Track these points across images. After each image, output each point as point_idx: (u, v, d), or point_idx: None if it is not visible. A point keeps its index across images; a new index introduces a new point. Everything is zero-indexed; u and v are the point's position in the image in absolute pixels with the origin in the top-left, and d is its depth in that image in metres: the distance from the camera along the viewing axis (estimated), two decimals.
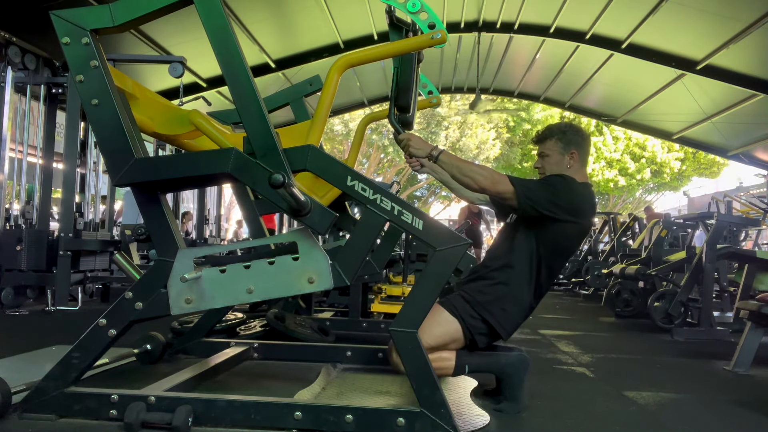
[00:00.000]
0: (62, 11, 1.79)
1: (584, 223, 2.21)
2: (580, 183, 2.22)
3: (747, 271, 3.95)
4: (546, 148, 2.30)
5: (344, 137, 20.12)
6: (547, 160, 2.29)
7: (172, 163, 1.84)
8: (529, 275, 2.17)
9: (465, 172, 2.13)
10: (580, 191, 2.19)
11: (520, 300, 2.17)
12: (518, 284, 2.16)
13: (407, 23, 2.20)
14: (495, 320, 2.12)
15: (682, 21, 7.58)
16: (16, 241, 4.56)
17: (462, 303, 2.14)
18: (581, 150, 2.28)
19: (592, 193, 2.27)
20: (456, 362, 2.12)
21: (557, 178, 2.20)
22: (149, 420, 1.70)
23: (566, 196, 2.14)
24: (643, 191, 23.44)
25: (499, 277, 2.18)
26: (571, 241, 2.23)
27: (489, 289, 2.17)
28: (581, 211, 2.18)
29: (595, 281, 7.32)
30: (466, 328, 2.12)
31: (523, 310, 2.20)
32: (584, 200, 2.20)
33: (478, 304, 2.14)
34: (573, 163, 2.27)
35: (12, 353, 2.73)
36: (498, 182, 2.09)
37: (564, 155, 2.26)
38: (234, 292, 1.81)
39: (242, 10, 7.38)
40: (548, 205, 2.10)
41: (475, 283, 2.22)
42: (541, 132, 2.36)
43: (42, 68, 5.08)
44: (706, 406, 2.35)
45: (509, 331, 2.17)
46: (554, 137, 2.28)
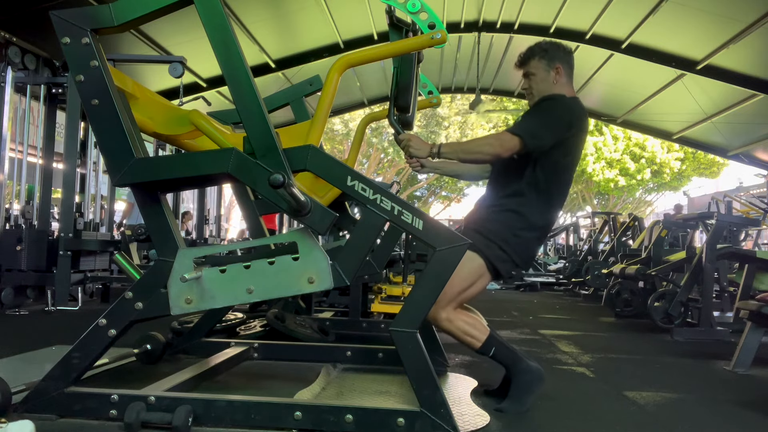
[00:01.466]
0: (62, 11, 1.79)
1: (583, 131, 2.24)
2: (569, 98, 2.24)
3: (747, 271, 3.95)
4: (530, 67, 2.30)
5: (344, 137, 20.12)
6: (533, 79, 2.30)
7: (172, 163, 1.84)
8: (540, 198, 2.18)
9: (471, 151, 2.15)
10: (571, 105, 2.21)
11: (533, 224, 2.18)
12: (530, 209, 2.17)
13: (407, 23, 2.20)
14: (510, 248, 2.14)
15: (682, 21, 7.58)
16: (16, 241, 4.56)
17: (476, 236, 2.14)
18: (565, 64, 2.29)
19: (581, 105, 2.28)
20: (486, 340, 2.13)
21: (548, 102, 2.22)
22: (149, 420, 1.70)
23: (562, 117, 2.16)
24: (643, 191, 23.43)
25: (508, 205, 2.18)
26: (575, 153, 2.25)
27: (499, 216, 2.18)
28: (578, 123, 2.20)
29: (595, 281, 7.32)
30: (486, 259, 2.14)
31: (537, 234, 2.21)
32: (577, 112, 2.22)
33: (492, 233, 2.15)
34: (559, 78, 2.28)
35: (12, 353, 2.73)
36: (505, 143, 2.10)
37: (549, 71, 2.27)
38: (234, 292, 1.81)
39: (242, 10, 7.38)
40: (552, 133, 2.12)
41: (485, 212, 2.23)
42: (523, 54, 2.35)
43: (42, 68, 5.08)
44: (706, 406, 2.35)
45: (526, 257, 2.20)
46: (536, 56, 2.29)
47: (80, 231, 4.68)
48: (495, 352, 2.14)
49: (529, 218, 2.18)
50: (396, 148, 18.80)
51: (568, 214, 26.30)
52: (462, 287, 2.12)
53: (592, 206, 23.07)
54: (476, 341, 2.13)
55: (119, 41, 7.13)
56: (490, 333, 2.15)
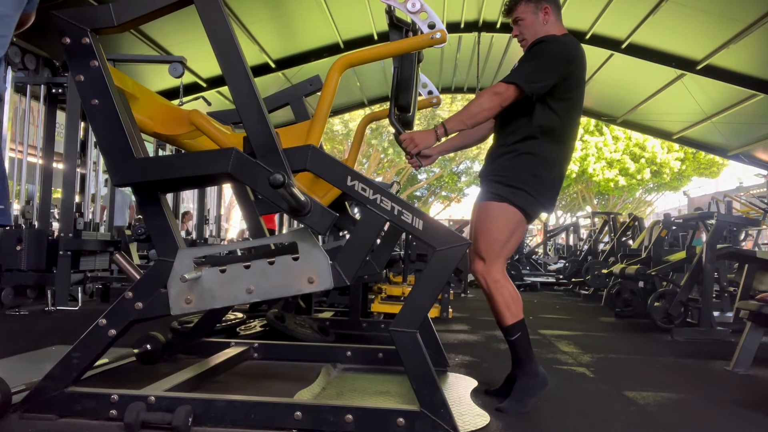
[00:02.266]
0: (62, 11, 1.79)
1: (582, 63, 2.23)
2: (561, 36, 2.24)
3: (747, 271, 3.95)
4: (518, 13, 2.30)
5: (344, 137, 20.12)
6: (523, 24, 2.29)
7: (172, 163, 1.84)
8: (553, 137, 2.18)
9: (474, 113, 2.13)
10: (565, 43, 2.21)
11: (551, 162, 2.18)
12: (544, 149, 2.17)
13: (407, 23, 2.20)
14: (534, 189, 2.14)
15: (682, 21, 7.58)
16: (16, 241, 4.56)
17: (499, 186, 2.14)
18: (552, 4, 2.29)
19: (574, 40, 2.28)
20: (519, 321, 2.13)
21: (540, 45, 2.20)
22: (149, 420, 1.70)
23: (557, 55, 2.16)
24: (643, 191, 23.44)
25: (523, 148, 2.17)
26: (580, 86, 2.25)
27: (515, 161, 2.17)
28: (574, 58, 2.19)
29: (595, 281, 7.32)
30: (516, 206, 2.13)
31: (556, 172, 2.21)
32: (572, 46, 2.22)
33: (513, 179, 2.15)
34: (548, 18, 2.27)
35: (12, 353, 2.73)
36: (503, 93, 2.10)
37: (537, 13, 2.27)
38: (234, 292, 1.81)
39: (242, 10, 7.38)
40: (550, 75, 2.11)
41: (499, 160, 2.22)
42: (508, 1, 2.35)
43: (42, 68, 5.09)
44: (706, 406, 2.35)
45: (549, 197, 2.20)
46: (522, 1, 2.29)
47: (80, 231, 4.69)
48: (517, 339, 2.14)
49: (546, 158, 2.17)
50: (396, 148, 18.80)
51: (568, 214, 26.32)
52: (503, 240, 2.12)
53: (592, 206, 23.08)
54: (511, 317, 2.12)
55: (119, 41, 7.13)
56: (523, 318, 2.15)
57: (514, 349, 2.17)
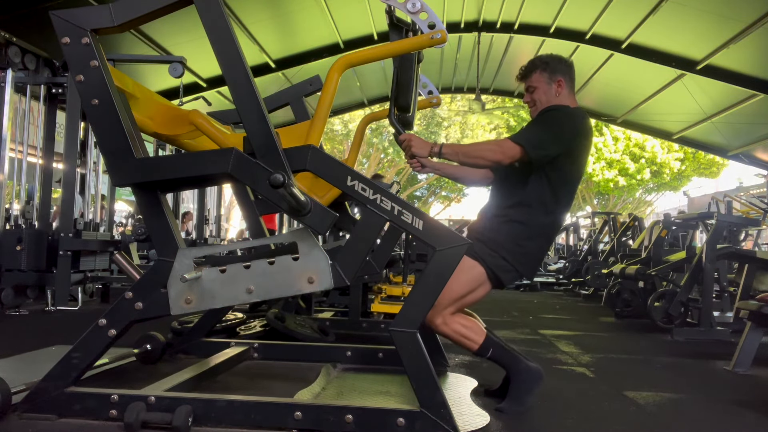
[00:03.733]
0: (62, 11, 1.79)
1: (588, 140, 2.23)
2: (573, 108, 2.24)
3: (747, 271, 3.95)
4: (532, 81, 2.30)
5: (344, 137, 20.12)
6: (536, 92, 2.29)
7: (172, 163, 1.84)
8: (546, 209, 2.17)
9: (472, 155, 2.13)
10: (575, 116, 2.21)
11: (538, 234, 2.18)
12: (534, 220, 2.17)
13: (407, 23, 2.20)
14: (514, 258, 2.13)
15: (682, 21, 7.58)
16: (16, 241, 4.56)
17: (479, 245, 2.14)
18: (567, 77, 2.29)
19: (585, 114, 2.28)
20: (484, 342, 2.12)
21: (551, 112, 2.21)
22: (149, 420, 1.70)
23: (567, 127, 2.16)
24: (643, 191, 23.43)
25: (513, 215, 2.18)
26: (581, 163, 2.25)
27: (504, 227, 2.17)
28: (582, 132, 2.20)
29: (595, 281, 7.32)
30: (488, 269, 2.13)
31: (542, 244, 2.21)
32: (581, 122, 2.22)
33: (495, 243, 2.14)
34: (561, 91, 2.27)
35: (12, 353, 2.73)
36: (507, 150, 2.09)
37: (551, 85, 2.27)
38: (234, 292, 1.81)
39: (242, 10, 7.38)
40: (556, 143, 2.11)
41: (489, 222, 2.22)
42: (524, 68, 2.35)
43: (42, 68, 5.08)
44: (706, 406, 2.35)
45: (530, 267, 2.19)
46: (538, 69, 2.29)
47: (80, 231, 4.68)
48: (492, 354, 2.14)
49: (535, 229, 2.17)
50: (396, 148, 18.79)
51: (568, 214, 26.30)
52: (460, 294, 2.11)
53: (592, 206, 23.06)
54: (473, 344, 2.13)
55: (119, 41, 7.13)
56: (487, 335, 2.15)
57: (496, 362, 2.18)
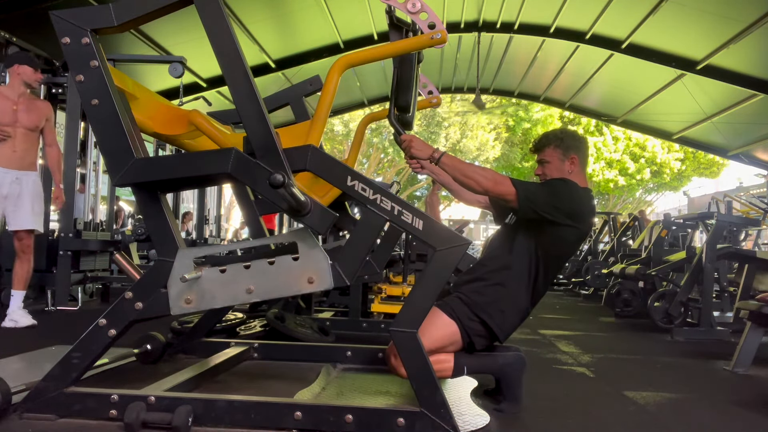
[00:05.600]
0: (62, 11, 1.79)
1: (583, 228, 2.21)
2: (581, 188, 2.22)
3: (747, 271, 3.95)
4: (545, 155, 2.30)
5: (344, 137, 20.12)
6: (548, 167, 2.29)
7: (172, 163, 1.84)
8: (527, 277, 2.18)
9: (467, 174, 2.12)
10: (580, 195, 2.19)
11: (518, 302, 2.18)
12: (516, 286, 2.17)
13: (407, 23, 2.20)
14: (493, 322, 2.12)
15: (682, 21, 7.58)
16: None
17: (460, 305, 2.14)
18: (580, 154, 2.29)
19: (592, 198, 2.28)
20: (454, 364, 2.12)
21: (559, 182, 2.21)
22: (149, 420, 1.70)
23: (567, 200, 2.14)
24: (643, 191, 23.43)
25: (496, 279, 2.18)
26: (569, 245, 2.24)
27: (487, 290, 2.17)
28: (581, 216, 2.18)
29: (595, 281, 7.32)
30: (464, 330, 2.11)
31: (520, 312, 2.20)
32: (584, 205, 2.20)
33: (477, 306, 2.13)
34: (573, 168, 2.27)
35: (12, 353, 2.73)
36: (500, 183, 2.09)
37: (564, 161, 2.27)
38: (234, 292, 1.81)
39: (242, 10, 7.38)
40: (549, 208, 2.10)
41: (473, 284, 2.22)
42: (538, 140, 2.36)
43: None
44: (706, 406, 2.35)
45: (507, 333, 2.19)
46: (552, 144, 2.29)
47: (80, 231, 4.68)
48: (469, 370, 2.14)
49: (517, 296, 2.16)
50: (396, 148, 18.79)
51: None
52: (431, 348, 2.01)
53: None
54: (446, 372, 2.12)
55: (119, 41, 7.12)
56: (454, 355, 2.13)
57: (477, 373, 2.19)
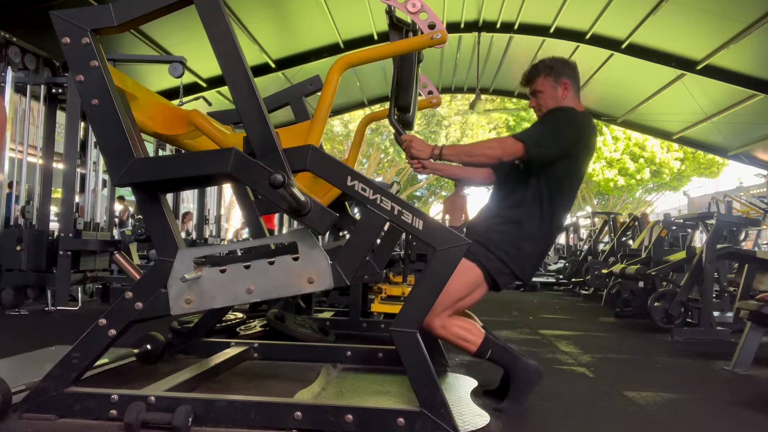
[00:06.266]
0: (62, 11, 1.79)
1: (591, 148, 2.23)
2: (579, 112, 2.23)
3: (747, 271, 3.95)
4: (537, 85, 2.30)
5: (344, 137, 20.12)
6: (542, 96, 2.29)
7: (172, 163, 1.84)
8: (542, 210, 2.17)
9: (474, 154, 2.13)
10: (581, 119, 2.21)
11: (535, 237, 2.17)
12: (531, 221, 2.16)
13: (407, 23, 2.20)
14: (511, 260, 2.13)
15: (682, 21, 7.58)
16: (16, 241, 4.56)
17: (477, 247, 2.13)
18: (572, 79, 2.29)
19: (591, 118, 2.28)
20: (482, 343, 2.12)
21: (556, 113, 2.21)
22: (149, 420, 1.70)
23: (570, 129, 2.16)
24: (643, 191, 23.44)
25: (511, 216, 2.17)
26: (580, 169, 2.24)
27: (502, 227, 2.17)
28: (586, 138, 2.19)
29: (595, 281, 7.31)
30: (486, 271, 2.13)
31: (539, 248, 2.20)
32: (587, 126, 2.22)
33: (493, 244, 2.14)
34: (567, 94, 2.27)
35: (12, 353, 2.73)
36: (508, 147, 2.09)
37: (557, 88, 2.27)
38: (234, 292, 1.81)
39: (242, 10, 7.38)
40: (558, 146, 2.11)
41: (487, 223, 2.22)
42: (528, 72, 2.35)
43: (42, 68, 5.09)
44: (706, 406, 2.35)
45: (527, 271, 2.19)
46: (542, 73, 2.28)
47: (80, 231, 4.68)
48: (491, 355, 2.14)
49: (533, 231, 2.16)
50: (396, 148, 18.80)
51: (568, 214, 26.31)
52: (458, 296, 2.11)
53: (592, 206, 23.07)
54: (472, 345, 2.13)
55: (119, 41, 7.13)
56: (485, 336, 2.14)
57: (495, 362, 2.18)
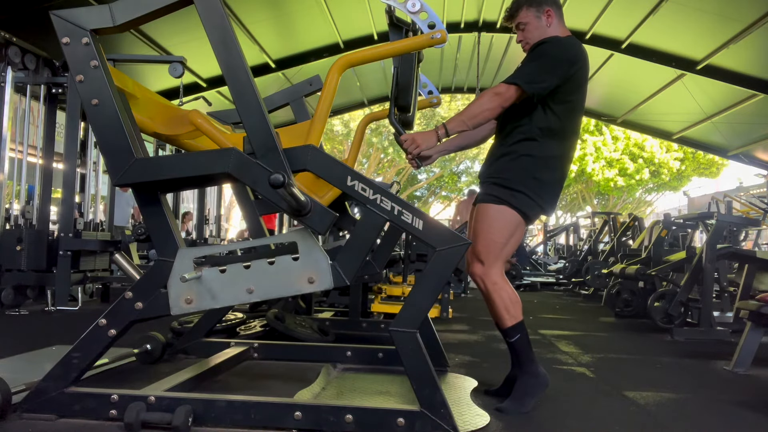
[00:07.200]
0: (62, 11, 1.79)
1: (585, 65, 2.22)
2: (565, 37, 2.23)
3: (747, 271, 3.95)
4: (520, 18, 2.29)
5: (344, 137, 20.12)
6: (527, 28, 2.28)
7: (172, 163, 1.84)
8: (554, 139, 2.17)
9: (475, 114, 2.11)
10: (569, 43, 2.20)
11: (551, 165, 2.17)
12: (545, 152, 2.16)
13: (407, 23, 2.20)
14: (534, 192, 2.13)
15: (682, 21, 7.58)
16: (16, 241, 4.56)
17: (498, 189, 2.14)
18: (554, 6, 2.28)
19: (578, 42, 2.27)
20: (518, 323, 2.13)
21: (542, 45, 2.20)
22: (149, 420, 1.70)
23: (561, 56, 2.15)
24: (643, 191, 23.44)
25: (522, 150, 2.16)
26: (583, 88, 2.24)
27: (515, 163, 2.16)
28: (578, 60, 2.18)
29: (595, 281, 7.32)
30: (516, 208, 2.13)
31: (557, 175, 2.20)
32: (576, 48, 2.21)
33: (512, 182, 2.14)
34: (551, 21, 2.27)
35: (12, 353, 2.73)
36: (505, 94, 2.09)
37: (540, 17, 2.26)
38: (234, 292, 1.81)
39: (242, 10, 7.38)
40: (554, 76, 2.10)
41: (499, 162, 2.21)
42: (509, 7, 2.34)
43: (42, 68, 5.07)
44: (706, 406, 2.35)
45: (550, 201, 2.19)
46: (524, 5, 2.28)
47: (80, 231, 4.68)
48: (517, 341, 2.13)
49: (546, 160, 2.16)
50: (396, 148, 18.80)
51: (568, 214, 26.33)
52: (502, 242, 2.12)
53: (592, 206, 23.08)
54: (510, 319, 2.12)
55: (119, 41, 7.12)
56: (522, 319, 2.15)
57: (513, 350, 2.18)
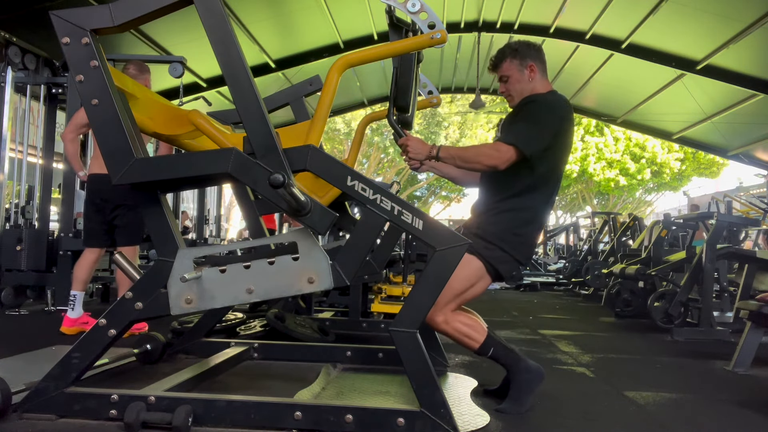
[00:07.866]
0: (62, 11, 1.79)
1: (571, 121, 2.25)
2: (548, 94, 2.25)
3: (747, 271, 3.95)
4: (504, 70, 2.31)
5: (345, 137, 20.12)
6: (510, 81, 2.31)
7: (172, 163, 1.84)
8: (539, 196, 2.19)
9: (469, 159, 2.14)
10: (554, 101, 2.23)
11: (531, 219, 2.20)
12: (529, 207, 2.18)
13: (407, 23, 2.20)
14: (511, 247, 2.15)
15: (682, 21, 7.58)
16: (16, 241, 4.56)
17: (475, 240, 2.14)
18: (537, 61, 2.30)
19: (562, 96, 2.29)
20: (485, 341, 2.13)
21: (531, 105, 2.21)
22: (149, 420, 1.70)
23: (550, 115, 2.17)
24: (643, 191, 23.44)
25: (504, 206, 2.19)
26: (566, 148, 2.26)
27: (497, 218, 2.19)
28: (564, 119, 2.21)
29: (595, 281, 7.31)
30: (486, 261, 2.14)
31: (535, 227, 2.23)
32: (561, 105, 2.23)
33: (491, 235, 2.16)
34: (534, 75, 2.28)
35: (12, 353, 2.73)
36: (502, 154, 2.10)
37: (523, 71, 2.28)
38: (234, 292, 1.81)
39: (242, 10, 7.38)
40: (546, 135, 2.12)
41: (482, 217, 2.24)
42: (494, 58, 2.37)
43: (42, 68, 5.08)
44: (706, 406, 2.35)
45: (526, 254, 2.21)
46: (508, 57, 2.31)
47: (80, 231, 4.68)
48: (493, 353, 2.15)
49: (529, 216, 2.19)
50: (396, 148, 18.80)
51: (568, 214, 26.33)
52: (460, 290, 2.13)
53: (592, 206, 23.08)
54: (474, 342, 2.14)
55: (119, 41, 7.13)
56: (488, 333, 2.16)
57: (496, 360, 2.19)
